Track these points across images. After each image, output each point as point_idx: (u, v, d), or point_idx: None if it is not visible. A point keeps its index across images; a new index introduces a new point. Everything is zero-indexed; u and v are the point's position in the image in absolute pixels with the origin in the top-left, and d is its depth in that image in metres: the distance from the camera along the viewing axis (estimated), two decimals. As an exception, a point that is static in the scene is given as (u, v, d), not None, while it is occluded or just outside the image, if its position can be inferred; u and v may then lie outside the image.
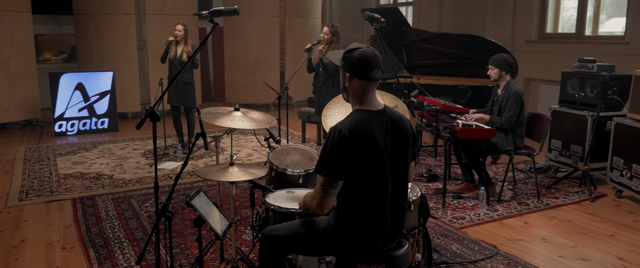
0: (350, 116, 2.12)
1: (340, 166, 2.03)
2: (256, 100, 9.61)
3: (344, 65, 2.16)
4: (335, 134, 2.05)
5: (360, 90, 2.15)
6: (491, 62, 4.39)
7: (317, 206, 2.08)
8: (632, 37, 6.62)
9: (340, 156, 2.03)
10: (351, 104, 2.23)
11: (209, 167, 2.71)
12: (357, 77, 2.13)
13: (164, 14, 8.44)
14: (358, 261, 2.12)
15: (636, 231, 3.83)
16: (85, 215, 4.17)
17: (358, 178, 2.07)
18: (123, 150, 6.39)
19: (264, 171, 2.60)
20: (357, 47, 2.15)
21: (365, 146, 2.04)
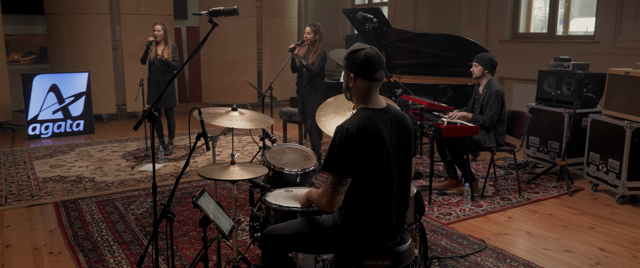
0: (357, 115, 2.16)
1: (348, 164, 2.07)
2: (234, 100, 9.55)
3: (348, 66, 2.19)
4: (343, 132, 2.08)
5: (364, 90, 2.19)
6: (476, 59, 4.49)
7: (326, 204, 2.11)
8: (602, 37, 6.87)
9: (349, 154, 2.06)
10: (355, 103, 2.26)
11: (210, 166, 2.70)
12: (361, 78, 2.16)
13: (139, 13, 8.31)
14: (364, 257, 2.16)
15: (614, 223, 3.99)
16: (70, 219, 4.09)
17: (365, 176, 2.10)
18: (101, 152, 6.27)
19: (264, 170, 2.60)
20: (362, 48, 2.18)
21: (372, 144, 2.08)
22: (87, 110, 7.39)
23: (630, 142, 4.21)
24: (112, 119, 8.61)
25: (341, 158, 2.07)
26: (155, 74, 5.84)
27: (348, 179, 2.09)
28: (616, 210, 4.27)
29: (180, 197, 4.59)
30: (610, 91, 4.58)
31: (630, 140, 4.21)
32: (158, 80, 5.86)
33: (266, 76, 9.69)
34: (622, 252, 3.47)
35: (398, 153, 2.17)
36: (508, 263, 3.30)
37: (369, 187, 2.12)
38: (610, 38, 6.75)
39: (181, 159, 5.93)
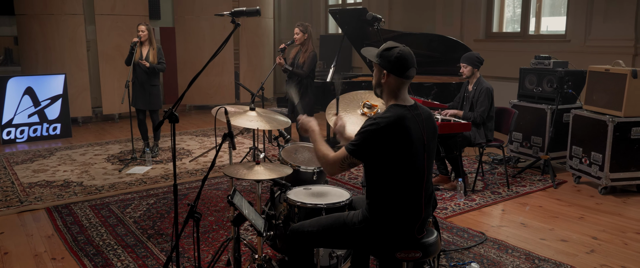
0: (388, 110, 2.23)
1: (366, 150, 2.18)
2: (210, 101, 9.48)
3: (381, 63, 2.26)
4: (372, 122, 2.18)
5: (395, 87, 2.27)
6: (464, 60, 4.64)
7: (327, 165, 2.28)
8: (573, 36, 7.17)
9: (370, 141, 2.17)
10: (385, 99, 2.33)
11: (235, 165, 2.71)
12: (394, 75, 2.24)
13: (114, 14, 8.15)
14: (396, 250, 2.23)
15: (601, 213, 4.20)
16: (66, 224, 4.01)
17: (395, 170, 2.17)
18: (84, 156, 6.13)
19: (288, 170, 2.63)
20: (395, 46, 2.25)
21: (399, 139, 2.16)
22: (64, 114, 7.20)
23: (612, 135, 4.44)
24: (88, 121, 8.41)
25: (361, 142, 2.18)
26: (140, 75, 5.75)
27: (357, 162, 2.22)
28: (600, 200, 4.49)
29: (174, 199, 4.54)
30: (590, 87, 4.80)
31: (612, 134, 4.43)
32: (143, 82, 5.78)
33: (243, 76, 9.65)
34: (613, 240, 3.67)
35: (428, 148, 2.26)
36: (510, 253, 3.44)
37: (400, 182, 2.19)
38: (581, 37, 7.06)
39: (169, 161, 5.87)
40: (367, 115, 3.12)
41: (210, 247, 3.56)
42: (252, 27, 9.64)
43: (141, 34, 5.73)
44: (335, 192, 2.75)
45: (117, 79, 8.30)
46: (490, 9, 8.27)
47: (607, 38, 6.75)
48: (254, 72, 9.79)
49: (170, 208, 4.34)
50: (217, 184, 5.00)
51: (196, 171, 5.47)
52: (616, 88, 4.50)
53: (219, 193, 4.73)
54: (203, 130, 7.67)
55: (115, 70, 8.26)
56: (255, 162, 2.61)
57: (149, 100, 5.86)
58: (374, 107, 3.15)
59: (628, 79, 4.38)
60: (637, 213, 4.18)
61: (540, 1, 7.84)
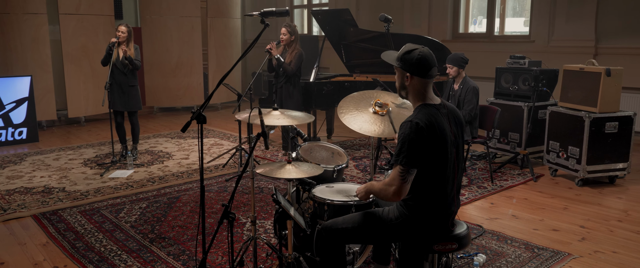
0: (420, 111, 2.29)
1: (416, 155, 2.20)
2: (179, 103, 9.32)
3: (403, 66, 2.32)
4: (412, 127, 2.22)
5: (420, 88, 2.34)
6: (449, 61, 4.80)
7: (394, 193, 2.22)
8: (537, 36, 7.54)
9: (417, 146, 2.20)
10: (411, 101, 2.40)
11: (268, 164, 2.71)
12: (417, 76, 2.31)
13: (79, 13, 7.87)
14: (433, 243, 2.32)
15: (582, 203, 4.46)
16: (59, 230, 3.87)
17: (431, 167, 2.25)
18: (58, 161, 5.91)
19: (319, 169, 2.66)
20: (414, 48, 2.33)
21: (438, 137, 2.24)
22: (30, 117, 6.90)
23: (588, 130, 4.71)
24: (52, 125, 8.08)
25: (410, 151, 2.20)
26: (117, 76, 5.59)
27: (414, 170, 2.22)
28: (579, 191, 4.76)
29: (168, 202, 4.48)
30: (565, 85, 5.07)
31: (588, 129, 4.71)
32: (121, 83, 5.63)
33: (212, 78, 9.53)
34: (599, 228, 3.91)
35: (457, 143, 2.35)
36: (510, 244, 3.61)
37: (436, 177, 2.28)
38: (544, 37, 7.43)
39: (150, 164, 5.74)
40: (379, 113, 3.20)
41: (218, 249, 3.53)
42: (220, 28, 9.55)
43: (120, 35, 5.59)
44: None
45: (83, 80, 8.03)
46: (457, 10, 8.56)
47: (569, 38, 7.15)
48: (223, 72, 9.68)
49: (165, 211, 4.26)
50: (208, 186, 4.95)
51: (182, 173, 5.39)
52: (591, 85, 4.78)
53: (211, 195, 4.68)
54: (177, 133, 7.54)
55: (80, 72, 7.98)
56: (287, 161, 2.63)
57: (127, 102, 5.72)
58: (385, 106, 3.23)
59: (603, 77, 4.66)
60: (614, 203, 4.47)
61: (504, 3, 8.19)
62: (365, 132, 3.08)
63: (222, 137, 7.19)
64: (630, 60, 6.49)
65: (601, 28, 6.89)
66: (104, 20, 8.25)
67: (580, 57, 6.85)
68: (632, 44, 6.62)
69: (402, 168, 2.20)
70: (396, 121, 3.15)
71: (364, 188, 2.45)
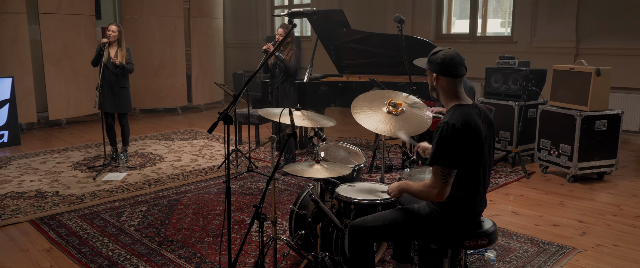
0: (456, 111, 2.33)
1: (455, 156, 2.24)
2: (161, 104, 9.18)
3: (430, 67, 2.37)
4: (449, 128, 2.25)
5: (449, 87, 2.39)
6: None
7: (437, 194, 2.25)
8: (519, 37, 7.73)
9: (455, 147, 2.24)
10: (444, 101, 2.44)
11: (297, 164, 2.70)
12: (444, 76, 2.36)
13: (59, 13, 7.68)
14: (464, 239, 2.37)
15: (576, 199, 4.60)
16: (61, 235, 3.78)
17: (467, 166, 2.30)
18: (45, 164, 5.75)
19: (347, 169, 2.66)
20: (440, 49, 2.39)
21: (474, 137, 2.28)
22: (12, 120, 6.69)
23: (580, 128, 4.87)
24: (32, 128, 7.85)
25: (449, 152, 2.24)
26: (108, 77, 5.48)
27: (454, 170, 2.26)
28: (571, 188, 4.92)
29: (169, 205, 4.42)
30: (555, 85, 5.23)
31: (580, 127, 4.86)
32: (112, 84, 5.52)
33: (195, 78, 9.43)
34: (596, 222, 4.05)
35: (488, 143, 2.41)
36: (516, 239, 3.70)
37: (470, 176, 2.32)
38: (527, 38, 7.63)
39: (142, 166, 5.64)
40: (393, 113, 3.24)
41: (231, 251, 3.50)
42: (203, 28, 9.46)
43: (111, 34, 5.49)
44: (381, 188, 2.84)
45: (64, 82, 7.83)
46: (440, 11, 8.70)
47: (550, 39, 7.36)
48: (206, 73, 9.60)
49: (167, 214, 4.21)
50: (206, 188, 4.90)
51: (177, 175, 5.32)
52: (581, 85, 4.94)
53: (211, 196, 4.64)
54: (164, 134, 7.43)
55: (61, 73, 7.79)
56: (315, 160, 2.63)
57: (118, 104, 5.61)
58: (399, 106, 3.27)
59: (593, 77, 4.82)
60: (606, 198, 4.63)
61: (486, 4, 8.37)
62: (381, 132, 3.11)
63: (211, 139, 7.12)
64: (609, 61, 6.70)
65: (581, 29, 7.11)
66: (85, 20, 8.07)
67: (562, 57, 7.07)
68: (611, 45, 6.85)
69: (443, 170, 2.24)
70: (410, 121, 3.19)
71: (397, 187, 2.47)
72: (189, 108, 9.74)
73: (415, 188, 2.36)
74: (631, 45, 6.66)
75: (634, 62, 6.53)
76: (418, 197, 2.40)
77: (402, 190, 2.46)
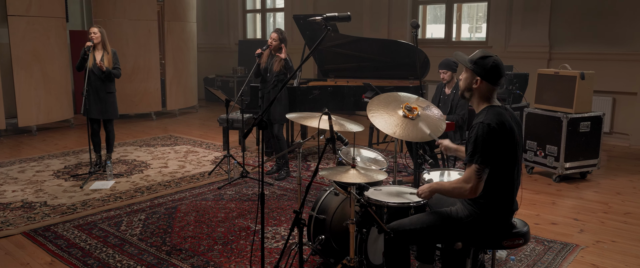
0: (490, 112, 2.39)
1: (490, 154, 2.31)
2: (135, 110, 8.92)
3: (476, 70, 2.42)
4: (485, 127, 2.31)
5: (487, 92, 2.45)
6: (443, 67, 4.97)
7: (470, 190, 2.31)
8: (494, 42, 7.97)
9: (491, 145, 2.31)
10: (476, 103, 2.49)
11: (332, 168, 2.68)
12: (487, 81, 2.41)
13: (29, 15, 7.36)
14: (502, 239, 2.42)
15: (565, 198, 4.78)
16: (61, 247, 3.62)
17: (502, 166, 2.36)
18: (24, 173, 5.49)
19: (383, 174, 2.67)
20: (490, 54, 2.43)
21: (508, 136, 2.35)
22: (-18, 127, 6.36)
23: (566, 130, 5.06)
24: (0, 135, 7.47)
25: (485, 150, 2.30)
26: (94, 82, 5.30)
27: (488, 169, 2.32)
28: (559, 187, 5.10)
29: (167, 213, 4.31)
30: (540, 88, 5.42)
31: (566, 128, 5.06)
32: (98, 89, 5.34)
33: (170, 83, 9.23)
34: (591, 220, 4.22)
35: (519, 144, 2.47)
36: (521, 238, 3.80)
37: (505, 176, 2.38)
38: (501, 43, 7.87)
39: (129, 174, 5.47)
40: (409, 117, 3.27)
41: (243, 257, 3.45)
42: (177, 31, 9.28)
43: (93, 37, 5.31)
44: (408, 190, 2.87)
45: (34, 87, 7.50)
46: (415, 16, 8.86)
47: (525, 44, 7.62)
48: (180, 77, 9.41)
49: (168, 222, 4.10)
50: (202, 194, 4.81)
51: (168, 182, 5.19)
52: (566, 88, 5.14)
53: (209, 203, 4.55)
54: (143, 140, 7.23)
55: (31, 78, 7.46)
56: (351, 165, 2.63)
57: (104, 109, 5.43)
58: (414, 110, 3.31)
59: (577, 81, 5.03)
60: (593, 196, 4.83)
61: (460, 10, 8.59)
62: (400, 136, 3.13)
63: (194, 144, 6.98)
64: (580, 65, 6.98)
65: (554, 35, 7.40)
66: (56, 23, 7.77)
67: (537, 61, 7.33)
68: (582, 50, 7.16)
69: (479, 167, 2.29)
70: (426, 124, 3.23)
71: (428, 188, 2.50)
72: (163, 113, 9.52)
73: (448, 187, 2.42)
74: (600, 51, 6.97)
75: (604, 66, 6.84)
76: (450, 195, 2.44)
77: (434, 191, 2.50)
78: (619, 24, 6.84)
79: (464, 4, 8.62)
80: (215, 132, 7.87)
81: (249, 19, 11.65)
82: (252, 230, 3.93)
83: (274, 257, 3.45)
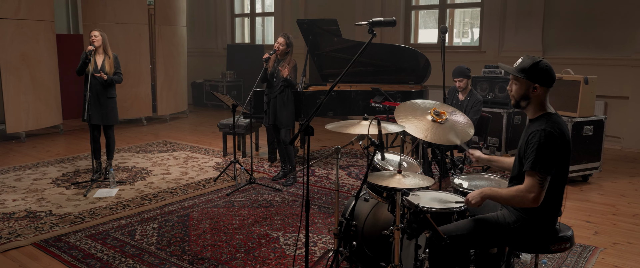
0: (549, 119, 2.38)
1: (553, 162, 2.30)
2: (125, 115, 8.72)
3: (531, 77, 2.40)
4: (547, 136, 2.31)
5: (543, 97, 2.44)
6: (458, 75, 5.01)
7: (533, 199, 2.29)
8: (488, 47, 8.08)
9: (553, 154, 2.31)
10: (531, 111, 2.47)
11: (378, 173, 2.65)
12: (545, 86, 2.41)
13: (18, 18, 7.14)
14: (550, 244, 2.43)
15: (573, 200, 4.85)
16: (78, 258, 3.50)
17: (558, 173, 2.37)
18: (21, 182, 5.30)
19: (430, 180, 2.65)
20: (536, 59, 2.43)
21: (566, 144, 2.36)
22: (-28, 134, 6.12)
23: (571, 134, 5.15)
24: (-13, 142, 7.23)
25: (547, 158, 2.29)
26: (95, 86, 5.16)
27: (550, 177, 2.31)
28: (564, 190, 5.18)
29: (180, 221, 4.22)
30: (542, 92, 5.50)
31: (570, 133, 5.14)
32: (98, 94, 5.21)
33: (160, 88, 9.07)
34: (603, 222, 4.29)
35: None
36: (540, 241, 3.84)
37: (558, 182, 2.39)
38: (495, 48, 7.98)
39: (131, 182, 5.34)
40: (438, 121, 3.27)
41: (269, 265, 3.39)
42: (169, 36, 9.13)
43: (94, 40, 5.19)
44: (447, 196, 2.86)
45: (23, 92, 7.28)
46: (408, 21, 8.93)
47: (518, 49, 7.73)
48: (171, 82, 9.26)
49: (183, 230, 4.01)
50: (212, 201, 4.72)
51: (174, 190, 5.09)
52: (570, 93, 5.23)
53: (221, 210, 4.47)
54: (139, 146, 7.08)
55: (20, 83, 7.23)
56: (397, 170, 2.61)
57: (105, 115, 5.31)
58: (442, 115, 3.31)
59: (581, 85, 5.13)
60: (599, 198, 4.92)
61: (453, 15, 8.69)
62: (432, 140, 3.13)
63: (192, 150, 6.87)
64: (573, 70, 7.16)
65: (547, 40, 7.54)
66: (45, 26, 7.57)
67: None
68: (574, 55, 7.31)
69: (542, 176, 2.28)
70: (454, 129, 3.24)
71: (478, 195, 2.48)
72: (154, 119, 9.35)
73: (506, 194, 2.39)
74: (593, 55, 7.13)
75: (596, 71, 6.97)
76: (508, 203, 2.43)
77: (485, 197, 2.49)
78: (611, 30, 7.01)
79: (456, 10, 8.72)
80: (211, 138, 7.76)
81: (237, 23, 11.55)
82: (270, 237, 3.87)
83: (300, 264, 3.40)
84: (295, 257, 3.50)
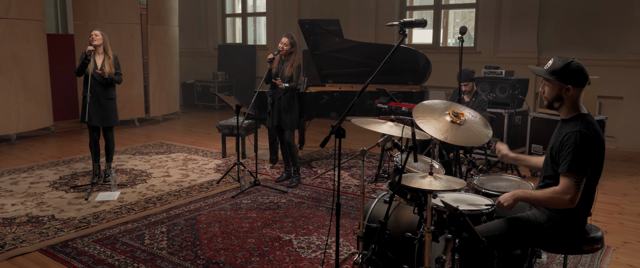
0: (583, 121, 2.37)
1: (589, 163, 2.30)
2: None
3: (563, 79, 2.39)
4: (583, 137, 2.30)
5: (576, 98, 2.43)
6: (465, 79, 5.03)
7: (570, 201, 2.28)
8: (483, 48, 8.13)
9: (589, 155, 2.30)
10: (564, 112, 2.46)
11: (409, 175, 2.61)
12: (578, 86, 2.41)
13: (8, 18, 6.96)
14: (581, 244, 2.43)
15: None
16: (88, 265, 3.40)
17: (592, 174, 2.36)
18: (17, 185, 5.16)
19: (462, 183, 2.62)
20: (569, 59, 2.42)
21: (601, 145, 2.36)
22: (-37, 136, 5.95)
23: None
24: (-23, 145, 7.02)
25: (583, 160, 2.29)
26: (94, 87, 5.04)
27: (585, 178, 2.31)
28: (568, 189, 5.22)
29: (189, 224, 4.14)
30: (544, 93, 5.54)
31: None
32: (98, 95, 5.10)
33: (153, 89, 8.93)
34: (610, 221, 4.33)
35: (599, 151, 2.49)
36: (553, 241, 3.86)
37: (591, 183, 2.39)
38: (490, 49, 8.04)
39: (133, 185, 5.24)
40: (457, 122, 3.26)
41: (286, 269, 3.35)
42: (161, 36, 9.00)
43: (95, 39, 5.08)
44: (473, 198, 2.84)
45: (14, 93, 7.10)
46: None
47: (513, 50, 7.81)
48: (164, 83, 9.13)
49: (193, 234, 3.93)
50: (218, 204, 4.65)
51: (178, 192, 5.00)
52: (572, 93, 5.28)
53: (229, 213, 4.41)
54: (134, 148, 6.95)
55: (11, 84, 7.06)
56: (429, 172, 2.58)
57: (105, 116, 5.19)
58: (461, 115, 3.30)
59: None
60: (602, 197, 4.96)
61: (447, 16, 8.73)
62: (452, 141, 3.12)
63: (190, 152, 6.77)
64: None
65: (542, 41, 7.62)
66: (36, 26, 7.39)
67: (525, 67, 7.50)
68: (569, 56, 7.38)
69: (578, 177, 2.27)
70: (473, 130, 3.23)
71: (511, 197, 2.46)
72: (146, 120, 9.21)
73: (541, 196, 2.38)
74: (587, 56, 7.21)
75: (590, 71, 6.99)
76: (543, 205, 2.42)
77: (518, 199, 2.47)
78: (605, 31, 7.11)
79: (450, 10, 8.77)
80: (206, 139, 7.67)
81: (229, 23, 11.45)
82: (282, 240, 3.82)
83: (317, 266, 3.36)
84: (324, 261, 3.46)
